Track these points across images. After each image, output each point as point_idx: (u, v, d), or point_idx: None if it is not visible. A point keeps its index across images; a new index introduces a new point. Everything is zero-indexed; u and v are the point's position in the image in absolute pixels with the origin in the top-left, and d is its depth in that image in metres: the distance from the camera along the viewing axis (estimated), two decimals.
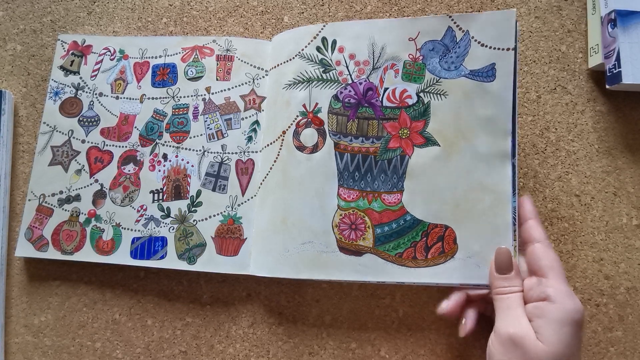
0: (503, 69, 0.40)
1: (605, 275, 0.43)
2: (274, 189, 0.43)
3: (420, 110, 0.41)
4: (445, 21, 0.41)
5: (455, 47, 0.41)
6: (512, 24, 0.40)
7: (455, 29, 0.41)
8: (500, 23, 0.40)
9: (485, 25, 0.40)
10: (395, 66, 0.42)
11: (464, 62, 0.41)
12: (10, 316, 0.46)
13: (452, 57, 0.41)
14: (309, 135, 0.43)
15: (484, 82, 0.40)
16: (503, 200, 0.39)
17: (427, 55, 0.42)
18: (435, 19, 0.42)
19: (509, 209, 0.39)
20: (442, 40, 0.42)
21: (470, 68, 0.41)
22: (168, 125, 0.47)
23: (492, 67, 0.40)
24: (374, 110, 0.42)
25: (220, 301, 0.45)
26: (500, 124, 0.40)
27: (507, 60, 0.40)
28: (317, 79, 0.43)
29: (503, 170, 0.40)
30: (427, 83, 0.42)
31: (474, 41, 0.41)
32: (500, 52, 0.40)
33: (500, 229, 0.39)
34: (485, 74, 0.40)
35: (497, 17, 0.40)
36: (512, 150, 0.39)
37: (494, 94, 0.40)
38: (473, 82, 0.41)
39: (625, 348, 0.42)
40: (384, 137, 0.42)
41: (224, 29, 0.50)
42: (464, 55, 0.41)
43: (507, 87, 0.40)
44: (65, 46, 0.50)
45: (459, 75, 0.41)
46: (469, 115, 0.40)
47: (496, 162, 0.40)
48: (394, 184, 0.41)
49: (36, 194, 0.47)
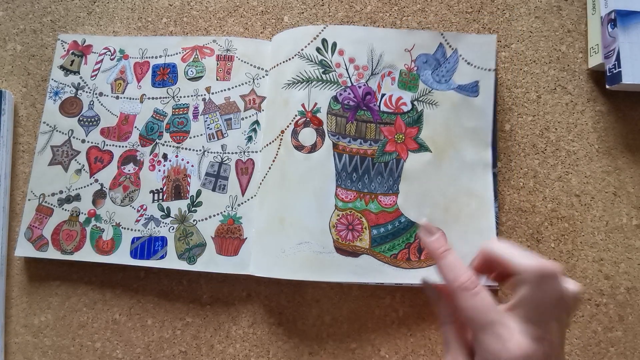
0: (485, 86, 0.44)
1: (605, 275, 0.43)
2: (272, 188, 0.44)
3: (414, 117, 0.44)
4: (438, 38, 0.45)
5: (445, 62, 0.45)
6: (492, 47, 0.44)
7: (445, 45, 0.45)
8: (483, 46, 0.45)
9: (471, 46, 0.45)
10: (392, 74, 0.44)
11: (453, 77, 0.44)
12: (10, 316, 0.46)
13: (442, 71, 0.45)
14: (307, 134, 0.43)
15: (469, 97, 0.44)
16: (487, 205, 0.43)
17: (421, 66, 0.45)
18: (428, 34, 0.45)
19: (492, 213, 0.43)
20: (434, 54, 0.45)
21: (458, 82, 0.44)
22: (168, 125, 0.47)
23: (476, 83, 0.44)
24: (372, 114, 0.44)
25: (220, 301, 0.45)
26: (482, 136, 0.44)
27: (489, 80, 0.44)
28: (316, 79, 0.44)
29: (485, 177, 0.43)
30: (421, 93, 0.44)
31: (461, 59, 0.45)
32: (483, 71, 0.44)
33: (484, 232, 0.42)
34: (470, 89, 0.44)
35: (480, 40, 0.45)
36: (493, 160, 0.44)
37: (477, 108, 0.44)
38: (460, 96, 0.44)
39: (625, 348, 0.42)
40: (381, 140, 0.43)
41: (224, 29, 0.50)
42: (453, 71, 0.45)
43: (488, 103, 0.44)
44: (65, 46, 0.50)
45: (449, 88, 0.44)
46: (456, 125, 0.44)
47: (479, 170, 0.43)
48: (390, 187, 0.43)
49: (36, 194, 0.47)
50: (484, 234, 0.42)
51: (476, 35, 0.45)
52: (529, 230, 0.44)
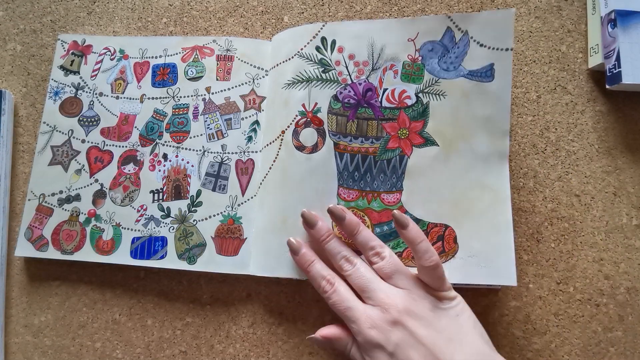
0: (502, 69, 0.40)
1: (605, 275, 0.43)
2: (273, 188, 0.43)
3: (419, 111, 0.42)
4: (445, 21, 0.41)
5: (454, 48, 0.41)
6: (510, 24, 0.40)
7: (454, 29, 0.41)
8: (499, 23, 0.40)
9: (484, 26, 0.40)
10: (394, 67, 0.42)
11: (463, 63, 0.41)
12: (10, 316, 0.46)
13: (451, 57, 0.41)
14: (308, 135, 0.43)
15: (483, 82, 0.41)
16: (502, 198, 0.40)
17: (426, 55, 0.42)
18: (434, 19, 0.41)
19: (508, 207, 0.39)
20: (441, 40, 0.42)
21: (469, 68, 0.41)
22: (168, 125, 0.47)
23: (491, 67, 0.40)
24: (373, 110, 0.42)
25: (220, 301, 0.45)
26: (499, 124, 0.40)
27: (506, 61, 0.40)
28: (316, 78, 0.43)
29: (501, 169, 0.40)
30: (426, 83, 0.42)
31: (472, 41, 0.41)
32: (499, 52, 0.40)
33: (501, 227, 0.39)
34: (484, 74, 0.41)
35: (496, 17, 0.40)
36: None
37: (492, 94, 0.40)
38: (472, 82, 0.41)
39: (625, 348, 0.42)
40: (383, 137, 0.42)
41: (224, 29, 0.50)
42: (462, 56, 0.41)
43: (505, 87, 0.40)
44: (66, 46, 0.50)
45: (458, 76, 0.41)
46: (467, 115, 0.41)
47: (495, 161, 0.40)
48: (393, 184, 0.41)
49: (36, 194, 0.47)
50: (500, 230, 0.39)
51: (490, 12, 0.40)
52: (529, 230, 0.44)
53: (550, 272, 0.43)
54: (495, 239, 0.39)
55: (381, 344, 0.34)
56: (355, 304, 0.36)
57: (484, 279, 0.39)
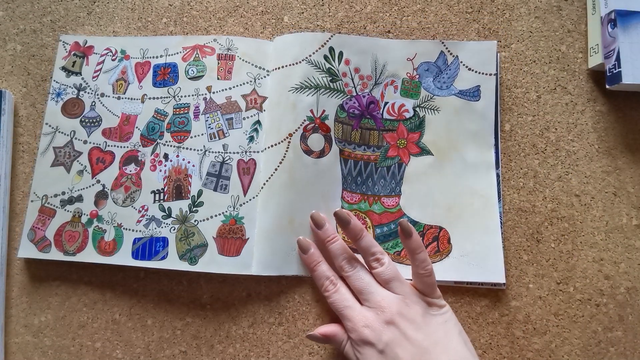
0: (486, 90, 0.45)
1: (605, 275, 0.43)
2: (279, 190, 0.44)
3: (416, 123, 0.46)
4: (439, 46, 0.46)
5: (447, 69, 0.46)
6: (493, 53, 0.46)
7: (447, 53, 0.46)
8: (484, 52, 0.46)
9: (472, 53, 0.46)
10: (394, 82, 0.47)
11: (454, 83, 0.46)
12: (10, 316, 0.46)
13: (444, 77, 0.46)
14: (316, 140, 0.44)
15: (471, 101, 0.46)
16: (491, 204, 0.44)
17: (422, 74, 0.47)
18: (430, 43, 0.47)
19: (496, 211, 0.44)
20: (435, 62, 0.46)
21: (459, 88, 0.46)
22: (169, 125, 0.47)
23: (478, 88, 0.46)
24: (375, 121, 0.46)
25: (220, 301, 0.45)
26: (485, 138, 0.45)
27: (490, 84, 0.45)
28: (324, 86, 0.45)
29: (489, 177, 0.45)
30: (423, 99, 0.46)
31: (462, 65, 0.46)
32: (484, 76, 0.46)
33: (490, 229, 0.43)
34: (472, 94, 0.46)
35: (481, 47, 0.46)
36: (496, 161, 0.45)
37: (479, 112, 0.45)
38: (462, 101, 0.46)
39: (625, 348, 0.42)
40: (384, 146, 0.46)
41: (224, 29, 0.50)
42: (454, 77, 0.46)
43: (489, 106, 0.45)
44: (67, 47, 0.50)
45: (450, 94, 0.46)
46: (458, 129, 0.45)
47: (483, 170, 0.45)
48: (392, 189, 0.45)
49: (39, 195, 0.47)
50: (489, 232, 0.43)
51: (476, 42, 0.46)
52: (529, 230, 0.44)
53: (550, 272, 0.43)
54: (486, 241, 0.43)
55: (372, 342, 0.37)
56: (353, 305, 0.39)
57: (475, 277, 0.42)
